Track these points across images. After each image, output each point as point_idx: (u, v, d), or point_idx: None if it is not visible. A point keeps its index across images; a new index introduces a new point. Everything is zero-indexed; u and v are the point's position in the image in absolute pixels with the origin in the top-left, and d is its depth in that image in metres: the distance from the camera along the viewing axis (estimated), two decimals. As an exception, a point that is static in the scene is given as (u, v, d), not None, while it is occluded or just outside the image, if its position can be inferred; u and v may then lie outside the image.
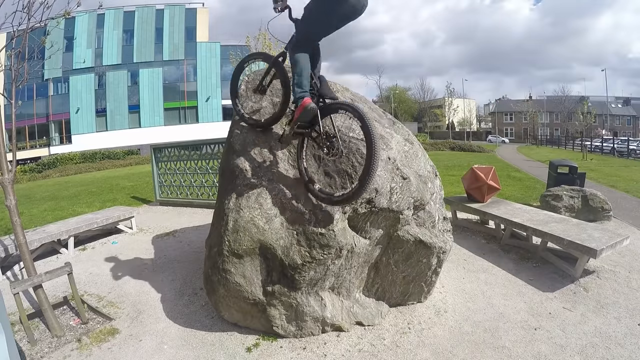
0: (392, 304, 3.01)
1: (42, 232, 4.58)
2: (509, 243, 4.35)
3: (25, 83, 3.23)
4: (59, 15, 3.20)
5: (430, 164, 3.16)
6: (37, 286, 2.85)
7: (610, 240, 3.35)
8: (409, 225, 2.74)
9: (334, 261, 2.50)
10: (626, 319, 2.75)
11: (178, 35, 32.17)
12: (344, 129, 2.77)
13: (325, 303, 2.62)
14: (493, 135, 47.87)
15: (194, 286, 3.53)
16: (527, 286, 3.34)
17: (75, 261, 4.38)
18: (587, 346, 2.45)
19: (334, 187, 2.55)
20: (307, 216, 2.48)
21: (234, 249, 2.51)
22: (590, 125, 25.74)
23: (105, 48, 30.72)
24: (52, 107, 30.12)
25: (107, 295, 3.47)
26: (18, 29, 2.96)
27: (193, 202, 7.30)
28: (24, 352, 2.59)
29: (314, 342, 2.61)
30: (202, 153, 7.37)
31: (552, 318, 2.81)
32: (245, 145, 2.86)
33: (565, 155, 18.92)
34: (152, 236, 5.36)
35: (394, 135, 3.01)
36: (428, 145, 26.06)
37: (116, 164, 22.10)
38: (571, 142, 29.96)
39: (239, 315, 2.76)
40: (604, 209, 5.19)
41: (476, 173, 4.97)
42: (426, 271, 2.93)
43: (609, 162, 16.47)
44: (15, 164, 3.19)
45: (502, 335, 2.60)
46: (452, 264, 3.84)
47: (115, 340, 2.73)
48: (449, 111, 45.69)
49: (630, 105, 53.77)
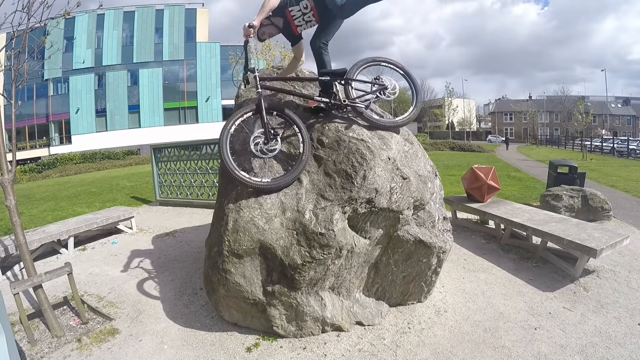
0: (392, 303, 3.01)
1: (42, 232, 4.58)
2: (508, 243, 4.36)
3: (25, 83, 3.23)
4: (59, 15, 3.19)
5: (430, 164, 3.16)
6: (37, 286, 2.85)
7: (610, 240, 3.35)
8: (409, 225, 2.74)
9: (334, 261, 2.50)
10: (626, 318, 2.75)
11: (178, 36, 32.14)
12: (343, 129, 2.78)
13: (325, 303, 2.62)
14: (493, 135, 47.86)
15: (194, 286, 3.53)
16: (527, 286, 3.34)
17: (75, 261, 4.38)
18: (587, 346, 2.45)
19: (334, 187, 2.56)
20: (307, 216, 2.48)
21: (234, 249, 2.51)
22: (590, 125, 25.74)
23: (105, 48, 30.69)
24: (52, 107, 30.09)
25: (107, 295, 3.47)
26: (18, 29, 2.96)
27: (193, 202, 7.30)
28: (24, 352, 2.58)
29: (314, 342, 2.61)
30: (202, 153, 7.37)
31: (552, 318, 2.81)
32: (245, 145, 2.85)
33: (565, 155, 18.93)
34: (152, 236, 5.36)
35: (393, 135, 3.01)
36: (428, 145, 26.07)
37: (116, 164, 22.08)
38: (571, 142, 29.97)
39: (239, 315, 2.76)
40: (603, 208, 5.19)
41: (476, 173, 4.97)
42: (426, 271, 2.93)
43: (608, 162, 16.47)
44: (15, 164, 3.19)
45: (502, 335, 2.60)
46: (452, 263, 3.84)
47: (115, 340, 2.73)
48: (449, 111, 45.70)
49: (630, 105, 53.81)
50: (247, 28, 2.55)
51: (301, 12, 2.77)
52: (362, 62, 2.91)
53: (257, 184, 2.54)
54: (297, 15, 2.80)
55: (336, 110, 2.81)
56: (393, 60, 3.01)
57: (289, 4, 2.75)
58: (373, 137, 2.80)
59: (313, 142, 2.82)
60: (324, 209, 2.49)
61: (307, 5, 2.74)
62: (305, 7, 2.75)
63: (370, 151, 2.64)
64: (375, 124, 2.84)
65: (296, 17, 2.81)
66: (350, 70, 2.81)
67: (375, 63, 2.97)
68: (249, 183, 2.52)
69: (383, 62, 3.00)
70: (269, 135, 2.56)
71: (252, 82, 2.75)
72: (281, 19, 2.84)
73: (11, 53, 3.03)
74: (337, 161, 2.64)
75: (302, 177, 2.68)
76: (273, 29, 2.92)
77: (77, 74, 29.58)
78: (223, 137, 2.57)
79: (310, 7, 2.75)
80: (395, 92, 2.90)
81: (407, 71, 3.02)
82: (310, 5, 2.74)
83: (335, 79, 2.78)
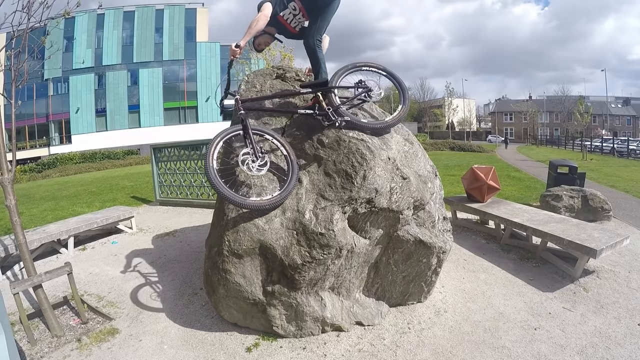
0: (392, 304, 3.01)
1: (42, 232, 4.57)
2: (509, 243, 4.36)
3: (25, 83, 3.23)
4: (59, 15, 3.20)
5: (430, 164, 3.16)
6: (37, 286, 2.85)
7: (610, 240, 3.35)
8: (409, 225, 2.74)
9: (334, 261, 2.50)
10: (626, 319, 2.75)
11: (178, 35, 32.14)
12: (343, 129, 2.78)
13: (325, 303, 2.62)
14: (493, 135, 47.87)
15: (194, 286, 3.53)
16: (527, 286, 3.34)
17: (75, 261, 4.38)
18: (587, 346, 2.45)
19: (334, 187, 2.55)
20: (307, 216, 2.48)
21: (234, 249, 2.51)
22: (590, 125, 25.72)
23: (105, 48, 30.69)
24: (52, 107, 30.10)
25: (107, 295, 3.47)
26: (18, 29, 2.96)
27: (193, 202, 7.30)
28: (24, 352, 2.58)
29: (314, 342, 2.61)
30: (202, 153, 7.36)
31: (552, 318, 2.81)
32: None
33: (565, 155, 18.93)
34: (152, 236, 5.36)
35: (393, 135, 3.01)
36: (428, 145, 26.06)
37: (116, 164, 22.09)
38: (571, 142, 29.97)
39: (239, 315, 2.76)
40: (603, 209, 5.19)
41: (476, 173, 4.97)
42: (426, 271, 2.93)
43: (608, 162, 16.47)
44: (15, 164, 3.19)
45: (502, 335, 2.60)
46: (452, 264, 3.84)
47: (115, 340, 2.73)
48: (449, 111, 45.68)
49: (630, 105, 53.80)
50: (233, 49, 2.61)
51: (292, 14, 2.90)
52: (344, 69, 2.94)
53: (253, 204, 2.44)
54: (290, 18, 2.93)
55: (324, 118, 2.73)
56: (374, 63, 3.06)
57: (279, 10, 2.85)
58: (373, 137, 2.80)
59: (313, 142, 2.82)
60: (324, 209, 2.49)
61: (295, 7, 2.87)
62: (294, 9, 2.88)
63: (370, 151, 2.64)
64: (362, 127, 2.78)
65: (290, 19, 2.93)
66: (332, 79, 2.84)
67: (356, 69, 3.01)
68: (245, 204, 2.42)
69: (364, 67, 3.03)
70: (257, 154, 2.50)
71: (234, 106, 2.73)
72: (274, 28, 2.95)
73: (11, 53, 3.03)
74: (337, 161, 2.64)
75: (302, 177, 2.69)
76: (268, 38, 3.04)
77: (77, 74, 29.61)
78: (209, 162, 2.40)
79: (299, 8, 2.87)
80: (381, 93, 3.00)
81: (390, 72, 3.06)
82: (299, 6, 2.86)
83: (318, 90, 2.79)
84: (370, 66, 3.04)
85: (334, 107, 2.72)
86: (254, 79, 3.46)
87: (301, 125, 2.96)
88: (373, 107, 3.21)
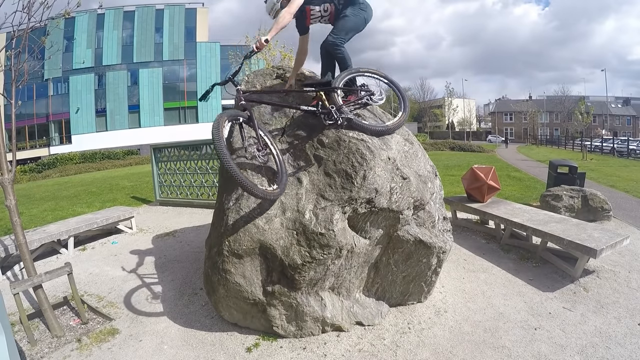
0: (392, 303, 3.01)
1: (42, 232, 4.57)
2: (508, 243, 4.35)
3: (25, 83, 3.23)
4: (59, 15, 3.20)
5: (430, 164, 3.16)
6: (37, 286, 2.85)
7: (610, 240, 3.35)
8: (409, 225, 2.74)
9: (334, 261, 2.50)
10: (626, 318, 2.75)
11: (178, 35, 32.13)
12: (343, 129, 2.78)
13: (325, 303, 2.62)
14: (493, 135, 47.87)
15: (194, 286, 3.53)
16: (527, 286, 3.34)
17: (75, 261, 4.38)
18: (587, 346, 2.45)
19: (334, 187, 2.55)
20: (307, 216, 2.48)
21: (234, 249, 2.51)
22: (590, 125, 25.71)
23: (105, 48, 30.69)
24: (52, 107, 30.09)
25: (107, 296, 3.47)
26: (18, 29, 2.96)
27: (193, 202, 7.30)
28: (24, 352, 2.59)
29: (314, 342, 2.61)
30: (202, 153, 7.37)
31: (552, 318, 2.81)
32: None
33: (565, 155, 18.94)
34: (152, 236, 5.36)
35: (393, 135, 3.01)
36: (428, 145, 26.06)
37: (116, 164, 22.10)
38: (571, 142, 29.96)
39: (239, 315, 2.76)
40: (603, 209, 5.19)
41: (476, 173, 4.97)
42: (426, 271, 2.93)
43: (608, 162, 16.47)
44: (15, 164, 3.19)
45: (502, 335, 2.60)
46: (452, 264, 3.84)
47: (115, 340, 2.73)
48: (449, 111, 45.66)
49: (630, 105, 53.78)
50: (262, 42, 2.61)
51: (320, 13, 2.99)
52: (347, 73, 2.96)
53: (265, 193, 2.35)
54: (316, 16, 3.01)
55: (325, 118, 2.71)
56: (375, 70, 3.12)
57: (312, 3, 2.93)
58: (373, 137, 2.80)
59: (313, 142, 2.82)
60: (324, 209, 2.49)
61: (327, 8, 2.96)
62: (325, 10, 2.97)
63: (370, 151, 2.64)
64: (363, 129, 2.78)
65: (315, 16, 3.01)
66: (335, 80, 2.87)
67: (359, 74, 3.06)
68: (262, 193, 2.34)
69: (367, 73, 3.08)
70: (260, 144, 2.52)
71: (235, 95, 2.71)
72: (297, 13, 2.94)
73: (11, 53, 3.03)
74: (337, 161, 2.64)
75: (302, 177, 2.68)
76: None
77: (77, 74, 29.58)
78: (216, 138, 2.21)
79: (330, 11, 2.97)
80: (383, 98, 3.03)
81: (390, 79, 3.13)
82: (331, 10, 2.97)
83: (321, 89, 2.79)
84: (373, 73, 3.10)
85: (336, 106, 2.72)
86: (254, 79, 3.46)
87: (301, 126, 2.96)
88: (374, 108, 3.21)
